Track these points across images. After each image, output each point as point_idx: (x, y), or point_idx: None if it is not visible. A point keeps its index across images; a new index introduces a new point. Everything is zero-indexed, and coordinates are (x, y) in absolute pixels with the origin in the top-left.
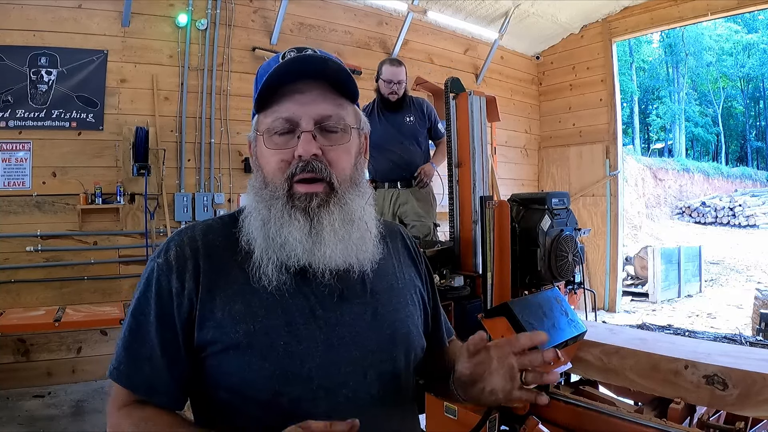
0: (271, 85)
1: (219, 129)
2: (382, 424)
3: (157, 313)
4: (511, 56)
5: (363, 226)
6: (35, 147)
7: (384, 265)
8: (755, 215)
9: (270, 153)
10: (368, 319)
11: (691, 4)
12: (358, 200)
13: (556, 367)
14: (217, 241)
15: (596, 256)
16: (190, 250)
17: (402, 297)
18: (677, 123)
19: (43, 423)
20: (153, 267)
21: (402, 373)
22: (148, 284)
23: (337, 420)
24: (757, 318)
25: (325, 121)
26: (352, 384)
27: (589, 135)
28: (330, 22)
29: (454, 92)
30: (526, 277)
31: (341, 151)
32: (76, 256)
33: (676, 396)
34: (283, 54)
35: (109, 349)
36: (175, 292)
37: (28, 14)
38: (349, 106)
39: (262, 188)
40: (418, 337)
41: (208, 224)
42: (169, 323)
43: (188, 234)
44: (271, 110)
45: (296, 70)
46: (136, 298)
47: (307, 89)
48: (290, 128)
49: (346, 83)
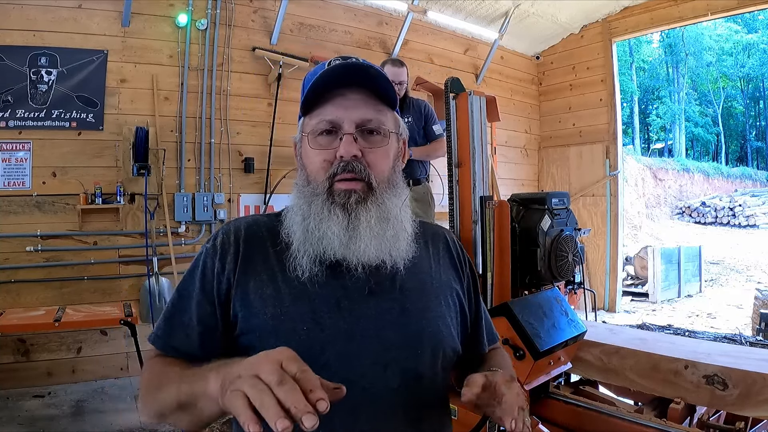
0: (317, 90)
1: (219, 129)
2: (400, 418)
3: (199, 288)
4: (511, 56)
5: (398, 224)
6: (35, 147)
7: (419, 264)
8: (755, 215)
9: (314, 153)
10: (395, 315)
11: (691, 4)
12: (395, 200)
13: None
14: (260, 232)
15: (596, 256)
16: (234, 237)
17: (434, 297)
18: (677, 123)
19: (43, 423)
20: (202, 251)
21: (427, 370)
22: (195, 265)
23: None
24: (757, 318)
25: (365, 124)
26: (370, 376)
27: (589, 135)
28: (330, 22)
29: (454, 92)
30: (526, 277)
31: (380, 153)
32: (76, 256)
33: (676, 396)
34: (329, 62)
35: (109, 349)
36: (216, 271)
37: (28, 14)
38: (389, 112)
39: (305, 186)
40: (448, 338)
41: (255, 218)
42: (209, 298)
43: (235, 224)
44: (316, 113)
45: (340, 77)
46: (184, 277)
47: (350, 94)
48: (333, 130)
49: (387, 90)
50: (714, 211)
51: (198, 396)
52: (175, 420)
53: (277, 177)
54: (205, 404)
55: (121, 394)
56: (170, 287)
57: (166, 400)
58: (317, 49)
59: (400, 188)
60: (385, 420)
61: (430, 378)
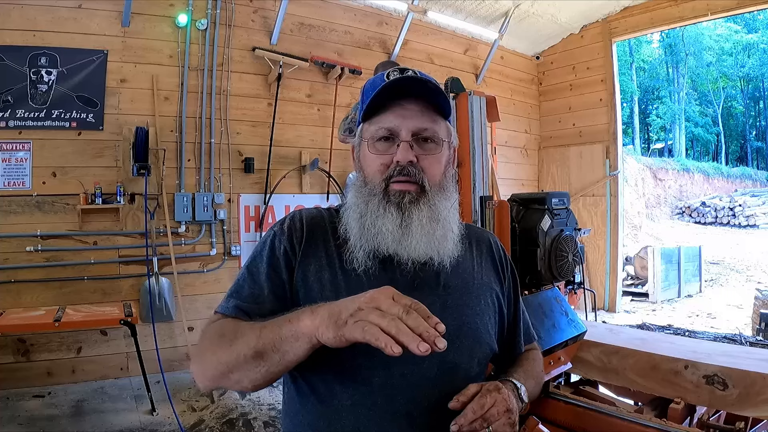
0: (378, 100)
1: (219, 129)
2: (435, 406)
3: (268, 263)
4: (511, 56)
5: (447, 225)
6: (35, 147)
7: (462, 264)
8: (755, 215)
9: (372, 157)
10: (437, 310)
11: (691, 4)
12: (445, 203)
13: (557, 367)
14: (323, 223)
15: (596, 256)
16: (300, 223)
17: (475, 296)
18: (677, 123)
19: (43, 423)
20: (270, 233)
21: (463, 363)
22: (264, 245)
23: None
24: (757, 318)
25: (421, 133)
26: (410, 364)
27: (589, 135)
28: (330, 22)
29: (454, 92)
30: (526, 277)
31: (433, 159)
32: (76, 256)
33: (676, 396)
34: (388, 73)
35: (109, 349)
36: (284, 250)
37: (28, 14)
38: (442, 122)
39: (362, 186)
40: (485, 335)
41: (318, 210)
42: (277, 273)
43: (300, 213)
44: (375, 120)
45: (400, 89)
46: (252, 256)
47: (408, 105)
48: (391, 137)
49: (441, 103)
50: (714, 211)
51: (285, 339)
52: (240, 375)
53: (277, 177)
54: (291, 346)
55: (121, 394)
56: (170, 287)
57: (241, 350)
58: (317, 49)
59: (450, 192)
60: (421, 405)
61: (466, 370)
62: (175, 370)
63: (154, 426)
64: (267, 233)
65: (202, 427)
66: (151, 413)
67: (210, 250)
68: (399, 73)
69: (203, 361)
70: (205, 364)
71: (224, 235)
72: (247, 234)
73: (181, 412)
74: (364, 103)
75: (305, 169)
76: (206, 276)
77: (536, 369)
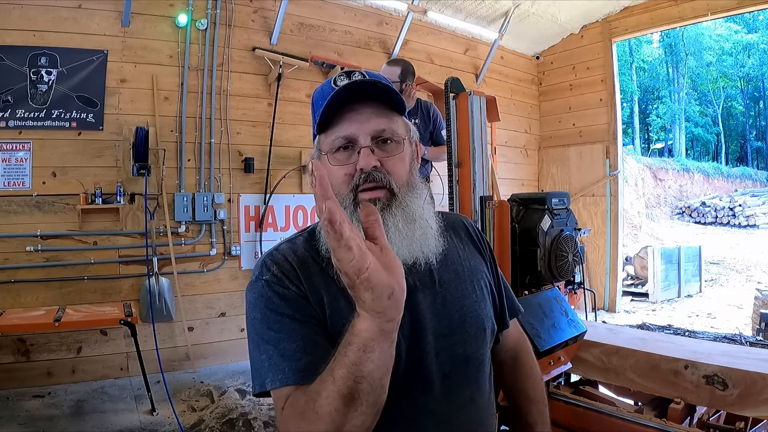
0: (330, 110)
1: (219, 129)
2: (455, 399)
3: (291, 313)
4: (511, 56)
5: (424, 223)
6: (35, 147)
7: (449, 255)
8: (755, 215)
9: (335, 169)
10: (439, 307)
11: (691, 4)
12: (417, 201)
13: (557, 367)
14: (305, 254)
15: (596, 256)
16: (287, 263)
17: (468, 283)
18: (677, 123)
19: (43, 423)
20: (262, 285)
21: (472, 353)
22: (265, 299)
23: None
24: (757, 318)
25: (380, 135)
26: (427, 363)
27: (589, 135)
28: (330, 22)
29: (454, 92)
30: (526, 277)
31: (397, 160)
32: (76, 256)
33: (676, 396)
34: (334, 79)
35: (109, 349)
36: (296, 294)
37: (28, 14)
38: (399, 118)
39: None
40: (486, 319)
41: (291, 241)
42: (303, 312)
43: (278, 253)
44: (331, 131)
45: (351, 95)
46: (259, 319)
47: (361, 109)
48: (350, 144)
49: (394, 100)
50: (714, 211)
51: (359, 362)
52: (350, 428)
53: (277, 177)
54: (371, 362)
55: (121, 394)
56: (170, 287)
57: (332, 410)
58: (317, 49)
59: (419, 188)
60: (444, 401)
61: (476, 359)
62: (175, 370)
63: (154, 426)
64: (258, 288)
65: (202, 427)
66: (151, 413)
67: (210, 250)
68: (346, 77)
69: None
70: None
71: (224, 235)
72: (247, 234)
73: (181, 412)
74: (317, 115)
75: (305, 169)
76: (206, 276)
77: (535, 380)
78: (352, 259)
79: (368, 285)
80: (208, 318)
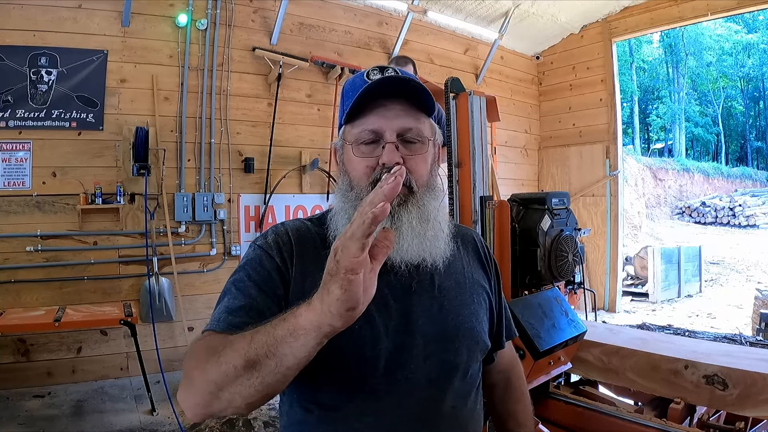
0: (359, 102)
1: (219, 129)
2: (438, 405)
3: (260, 279)
4: (511, 56)
5: (437, 225)
6: (35, 147)
7: (453, 264)
8: (755, 215)
9: (357, 160)
10: (435, 312)
11: (691, 4)
12: (434, 202)
13: (557, 367)
14: (308, 235)
15: (596, 256)
16: (287, 236)
17: (468, 294)
18: (677, 123)
19: (43, 423)
20: (254, 248)
21: (462, 363)
22: (249, 261)
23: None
24: (757, 318)
25: (406, 133)
26: (412, 367)
27: (589, 135)
28: (330, 22)
29: (454, 92)
30: (526, 277)
31: (419, 159)
32: (76, 256)
33: (676, 396)
34: (367, 73)
35: (109, 349)
36: (276, 266)
37: (28, 14)
38: (426, 120)
39: (348, 191)
40: (482, 333)
41: (302, 221)
42: (269, 291)
43: (283, 227)
44: (358, 123)
45: (382, 89)
46: (238, 274)
47: (390, 105)
48: (375, 139)
49: (425, 100)
50: (714, 211)
51: (281, 340)
52: (232, 392)
53: (277, 177)
54: (290, 347)
55: (121, 394)
56: (170, 287)
57: (230, 361)
58: (317, 49)
59: (438, 191)
60: (426, 406)
61: (465, 369)
62: (175, 370)
63: (154, 426)
64: (250, 249)
65: (202, 427)
66: (151, 413)
67: (210, 250)
68: (379, 71)
69: (190, 382)
70: (193, 385)
71: (224, 235)
72: (247, 234)
73: (181, 412)
74: (346, 105)
75: (305, 169)
76: (206, 276)
77: (525, 404)
78: (357, 257)
79: (347, 285)
80: (208, 318)
